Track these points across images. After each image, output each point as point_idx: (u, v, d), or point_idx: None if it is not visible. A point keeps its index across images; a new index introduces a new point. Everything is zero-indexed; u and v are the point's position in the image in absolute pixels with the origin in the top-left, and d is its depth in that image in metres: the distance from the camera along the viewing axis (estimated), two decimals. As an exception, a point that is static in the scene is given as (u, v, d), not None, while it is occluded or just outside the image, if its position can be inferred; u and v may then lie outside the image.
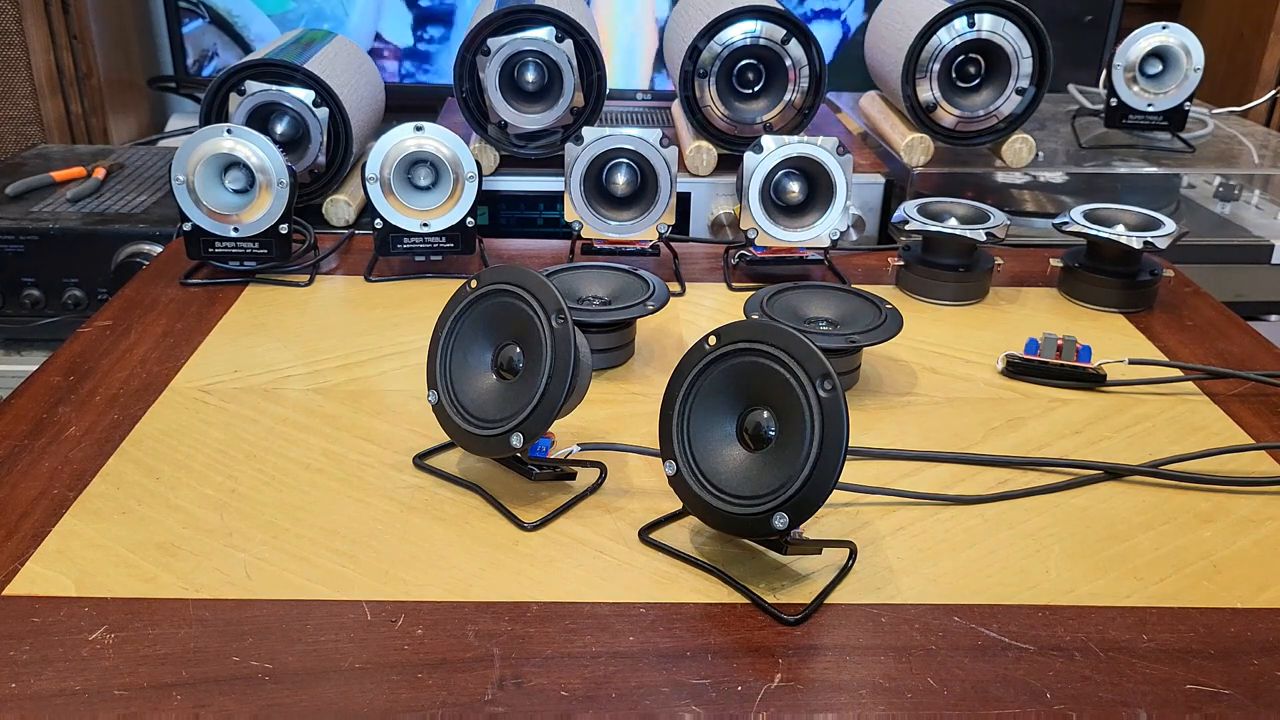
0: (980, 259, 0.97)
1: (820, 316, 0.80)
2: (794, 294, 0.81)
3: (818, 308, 0.80)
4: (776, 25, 1.16)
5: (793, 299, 0.81)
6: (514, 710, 0.48)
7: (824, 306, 0.80)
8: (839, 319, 0.79)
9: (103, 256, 1.15)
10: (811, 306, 0.80)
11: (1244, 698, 0.50)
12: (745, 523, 0.56)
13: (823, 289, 0.82)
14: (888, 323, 0.77)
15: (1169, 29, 1.36)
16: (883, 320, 0.77)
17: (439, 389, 0.65)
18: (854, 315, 0.79)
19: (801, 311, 0.80)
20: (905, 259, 0.98)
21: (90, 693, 0.48)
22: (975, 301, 0.97)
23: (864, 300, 0.81)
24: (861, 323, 0.78)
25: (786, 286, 0.82)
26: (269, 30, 1.67)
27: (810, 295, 0.81)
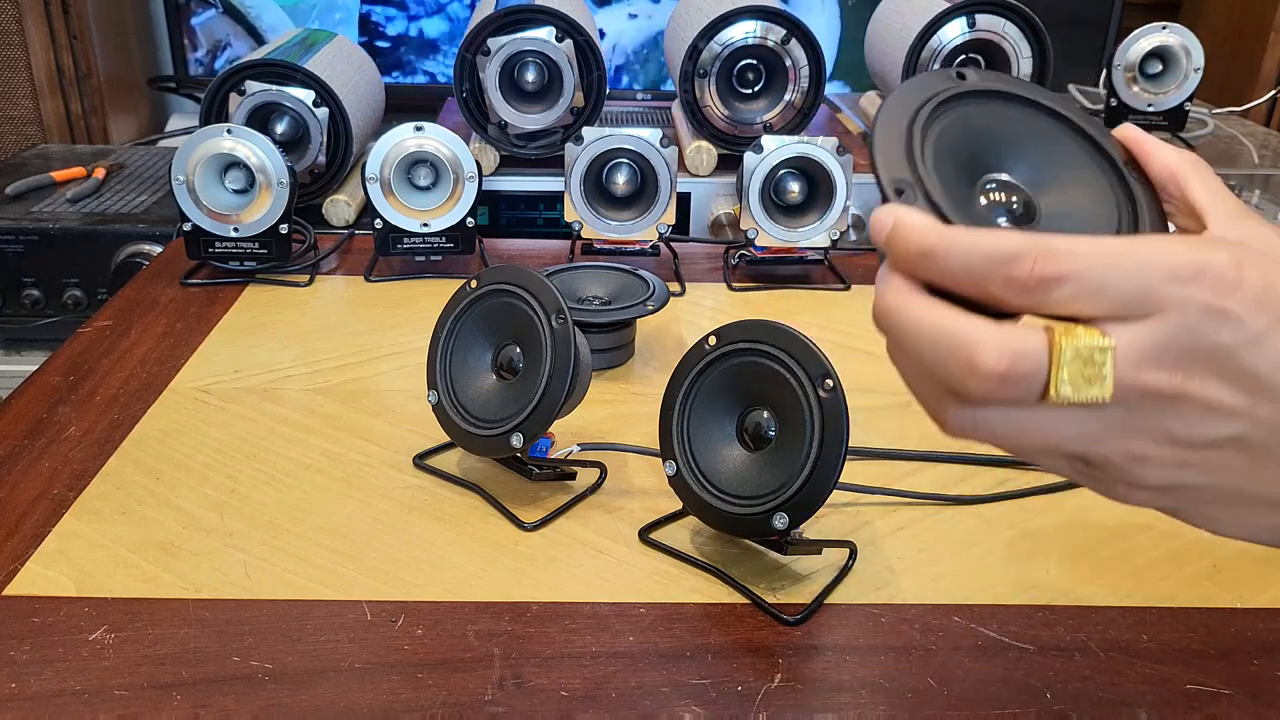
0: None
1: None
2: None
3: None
4: (776, 25, 1.16)
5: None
6: (514, 710, 0.48)
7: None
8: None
9: (103, 256, 1.15)
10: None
11: (1244, 698, 0.50)
12: (745, 523, 0.56)
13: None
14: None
15: (1169, 29, 1.36)
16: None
17: (439, 389, 0.65)
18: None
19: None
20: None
21: (90, 693, 0.48)
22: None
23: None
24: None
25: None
26: (281, 21, 1.67)
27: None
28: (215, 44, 1.66)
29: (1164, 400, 0.33)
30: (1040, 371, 0.32)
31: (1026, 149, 0.39)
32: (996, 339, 0.32)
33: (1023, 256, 0.32)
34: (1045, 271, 0.32)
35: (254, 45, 1.67)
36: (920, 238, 0.34)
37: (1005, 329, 0.32)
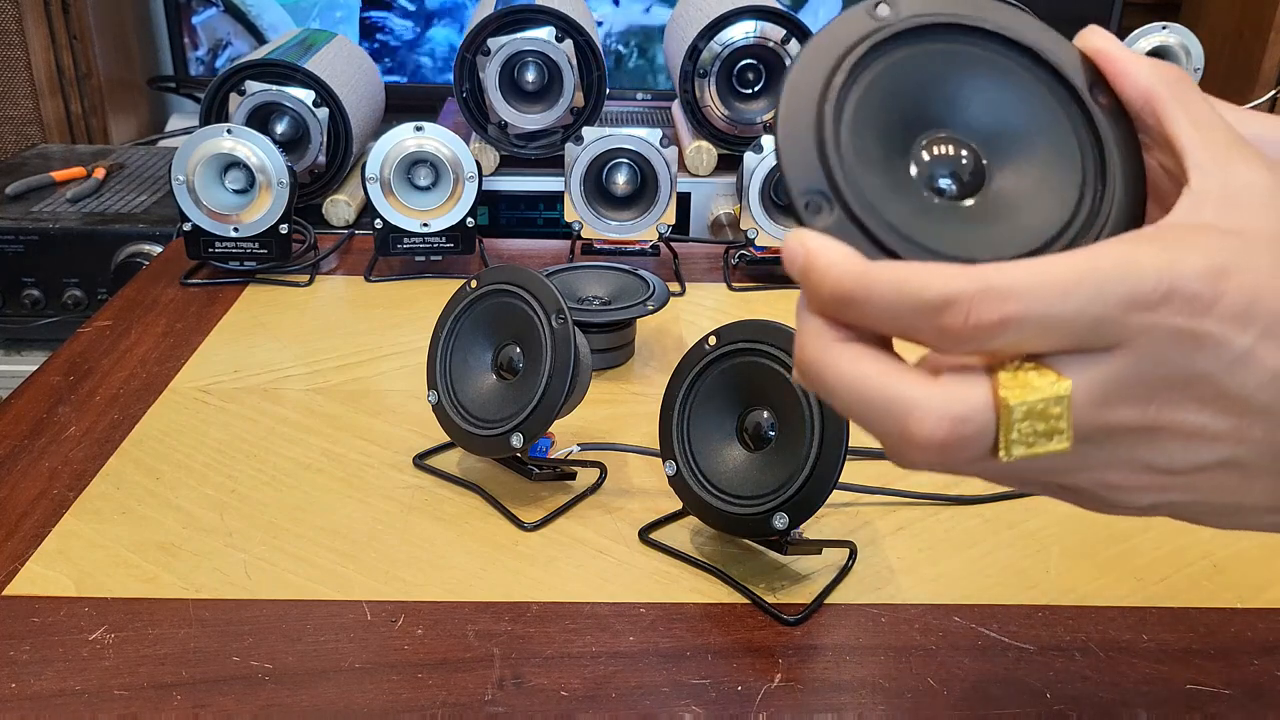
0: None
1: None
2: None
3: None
4: (776, 25, 1.16)
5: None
6: (514, 710, 0.48)
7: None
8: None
9: (103, 256, 1.15)
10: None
11: (1244, 698, 0.50)
12: (745, 523, 0.56)
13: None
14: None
15: (1169, 29, 1.36)
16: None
17: (439, 389, 0.65)
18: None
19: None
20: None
21: (90, 693, 0.48)
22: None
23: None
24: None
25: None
26: (282, 19, 1.67)
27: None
28: (216, 42, 1.66)
29: (1137, 434, 0.29)
30: (987, 434, 0.28)
31: (970, 95, 0.32)
32: (933, 403, 0.28)
33: (955, 303, 0.27)
34: (983, 319, 0.27)
35: (255, 44, 1.67)
36: (835, 283, 0.28)
37: (943, 387, 0.28)
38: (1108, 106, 0.32)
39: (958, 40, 0.32)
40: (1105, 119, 0.32)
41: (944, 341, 0.28)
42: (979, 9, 0.33)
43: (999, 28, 0.32)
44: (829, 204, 0.30)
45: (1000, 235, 0.30)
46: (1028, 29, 0.33)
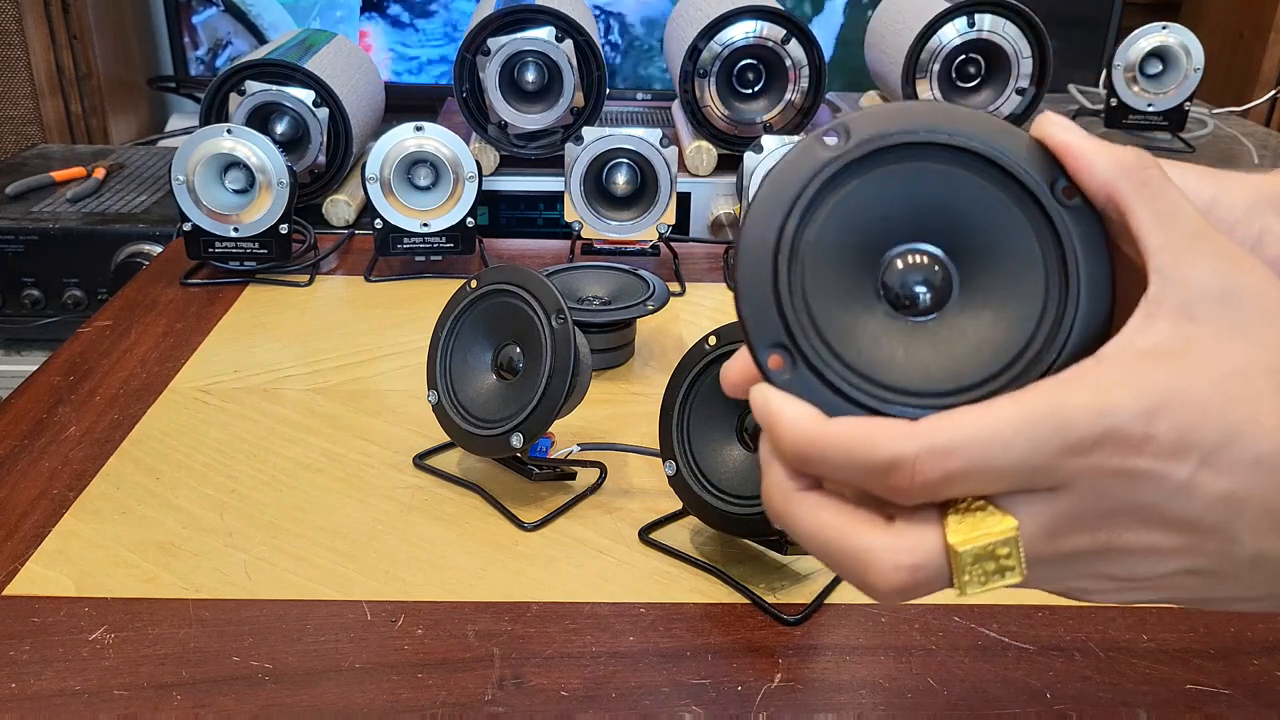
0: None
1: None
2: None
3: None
4: (776, 25, 1.16)
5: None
6: (514, 710, 0.48)
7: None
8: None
9: (103, 256, 1.15)
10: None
11: (1244, 698, 0.50)
12: (745, 523, 0.56)
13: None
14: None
15: (1169, 29, 1.36)
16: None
17: (439, 389, 0.65)
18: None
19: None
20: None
21: (90, 693, 0.48)
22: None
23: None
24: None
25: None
26: (282, 18, 1.67)
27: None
28: (216, 42, 1.66)
29: (1093, 554, 0.31)
30: (942, 576, 0.30)
31: (929, 215, 0.32)
32: (887, 554, 0.30)
33: (900, 465, 0.29)
34: (928, 477, 0.29)
35: (255, 43, 1.67)
36: (792, 444, 0.31)
37: (897, 536, 0.30)
38: (1073, 204, 0.31)
39: (912, 159, 0.32)
40: (1069, 220, 0.31)
41: (895, 497, 0.30)
42: (931, 120, 0.32)
43: (952, 139, 0.32)
44: (789, 357, 0.31)
45: (961, 358, 0.31)
46: (982, 134, 0.32)
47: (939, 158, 0.32)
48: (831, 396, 0.31)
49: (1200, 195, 0.34)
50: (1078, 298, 0.31)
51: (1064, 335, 0.31)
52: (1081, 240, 0.31)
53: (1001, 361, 0.31)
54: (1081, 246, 0.31)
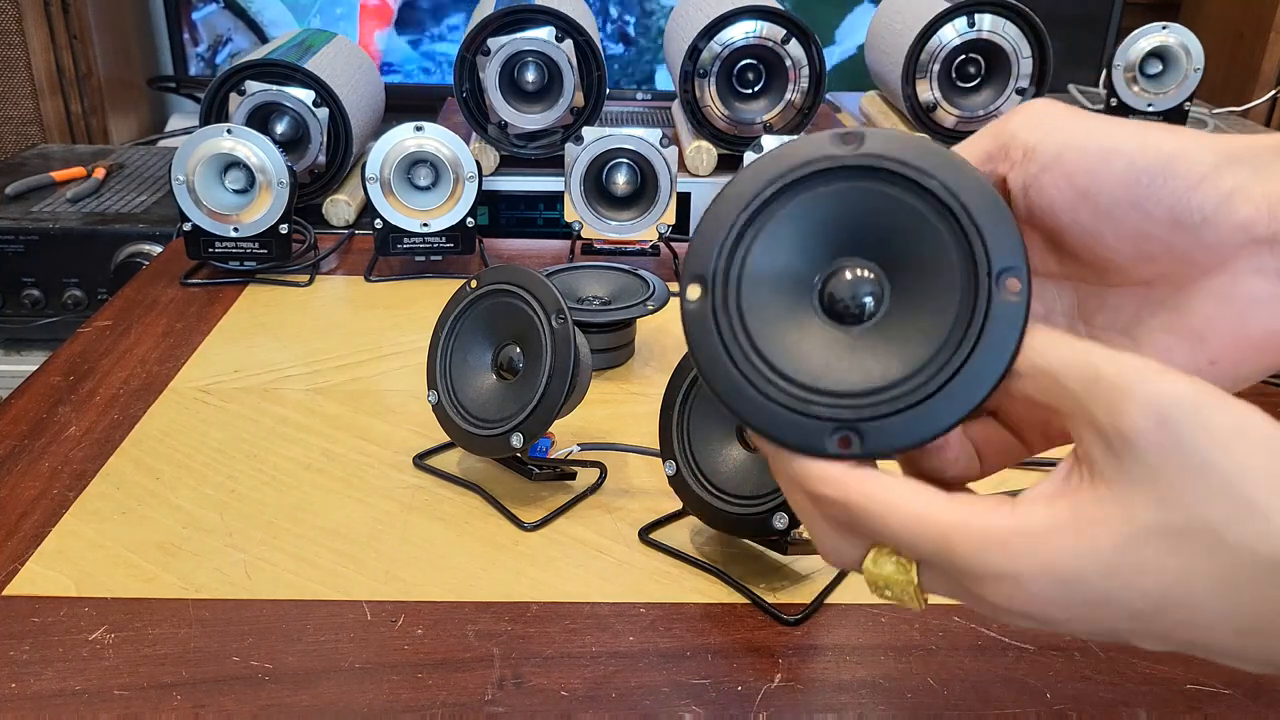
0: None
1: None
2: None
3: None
4: (776, 25, 1.16)
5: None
6: (514, 710, 0.48)
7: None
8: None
9: (103, 256, 1.15)
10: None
11: (1244, 698, 0.50)
12: (745, 523, 0.56)
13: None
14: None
15: (1169, 29, 1.36)
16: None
17: (439, 389, 0.65)
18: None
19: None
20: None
21: (90, 693, 0.48)
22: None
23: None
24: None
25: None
26: (282, 15, 1.67)
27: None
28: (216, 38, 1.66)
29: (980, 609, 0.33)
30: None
31: (880, 240, 0.34)
32: (827, 547, 0.35)
33: (828, 502, 0.33)
34: (859, 528, 0.33)
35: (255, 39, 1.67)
36: (772, 456, 0.35)
37: (840, 539, 0.34)
38: (1007, 300, 0.32)
39: (889, 184, 0.33)
40: (996, 305, 0.32)
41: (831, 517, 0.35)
42: (907, 150, 0.33)
43: (916, 174, 0.33)
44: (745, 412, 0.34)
45: (873, 366, 0.33)
46: (967, 192, 0.33)
47: (894, 182, 0.33)
48: (753, 393, 0.34)
49: (1161, 150, 0.33)
50: (971, 353, 0.32)
51: (951, 372, 0.32)
52: (999, 321, 0.32)
53: (904, 372, 0.33)
54: (996, 326, 0.32)
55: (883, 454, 0.33)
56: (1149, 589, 0.30)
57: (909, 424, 0.32)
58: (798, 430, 0.33)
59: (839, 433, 0.33)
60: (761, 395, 0.33)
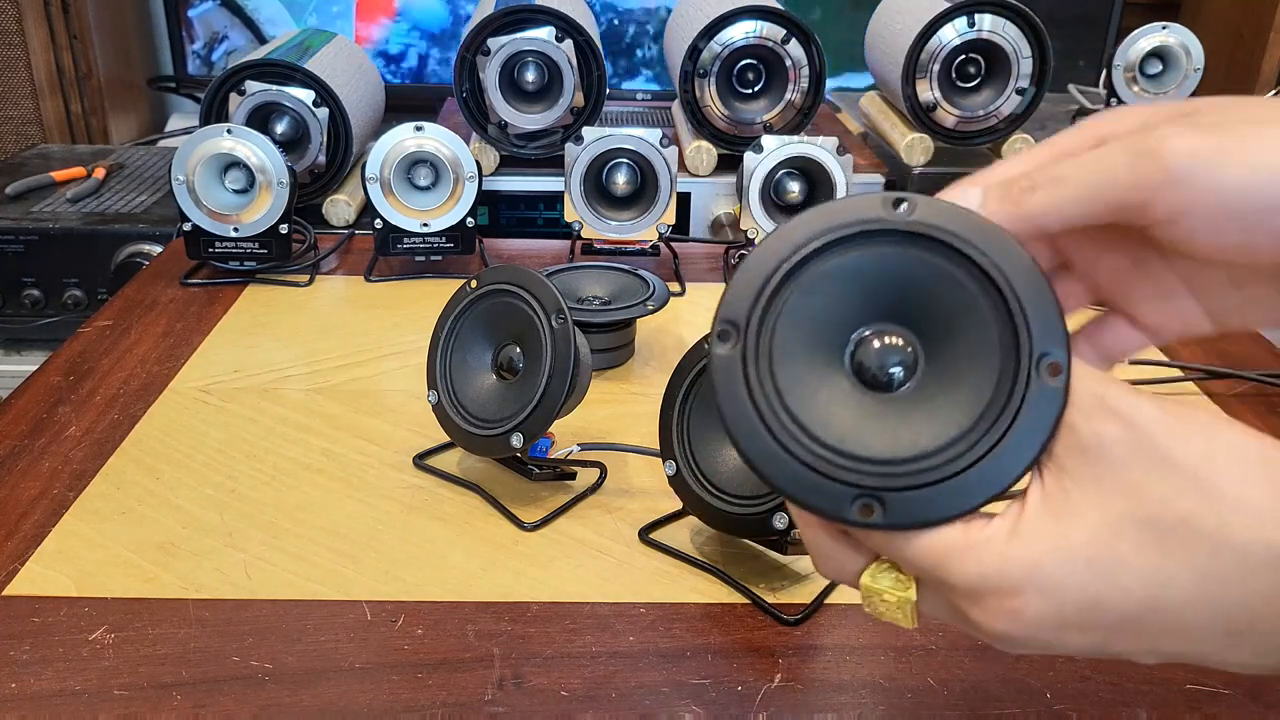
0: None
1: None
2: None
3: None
4: (776, 25, 1.16)
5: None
6: (514, 710, 0.48)
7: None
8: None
9: (103, 256, 1.15)
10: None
11: (1244, 698, 0.50)
12: (745, 523, 0.56)
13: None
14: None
15: (1169, 29, 1.36)
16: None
17: (439, 389, 0.65)
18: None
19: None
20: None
21: (90, 693, 0.48)
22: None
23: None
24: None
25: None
26: (279, 14, 1.67)
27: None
28: (213, 36, 1.67)
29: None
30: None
31: (924, 311, 0.34)
32: (823, 553, 0.35)
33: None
34: (862, 544, 0.34)
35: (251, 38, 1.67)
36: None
37: (841, 549, 0.35)
38: (1050, 384, 0.31)
39: (936, 254, 0.33)
40: (1036, 394, 0.31)
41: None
42: (956, 222, 0.33)
43: (965, 247, 0.32)
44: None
45: (897, 436, 0.33)
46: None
47: (941, 252, 0.33)
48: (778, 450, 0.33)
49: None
50: (1005, 434, 0.32)
51: (982, 452, 0.32)
52: (1036, 405, 0.31)
53: (934, 445, 0.32)
54: (1033, 410, 0.31)
55: (903, 526, 0.32)
56: (1131, 586, 0.30)
57: (933, 499, 0.32)
58: (820, 493, 0.33)
59: (861, 500, 0.32)
60: (786, 452, 0.33)
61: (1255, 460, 0.30)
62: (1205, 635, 0.31)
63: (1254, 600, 0.30)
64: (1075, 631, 0.31)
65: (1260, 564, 0.29)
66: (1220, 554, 0.29)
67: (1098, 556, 0.30)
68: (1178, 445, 0.30)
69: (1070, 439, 0.31)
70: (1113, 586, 0.30)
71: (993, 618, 0.32)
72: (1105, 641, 0.31)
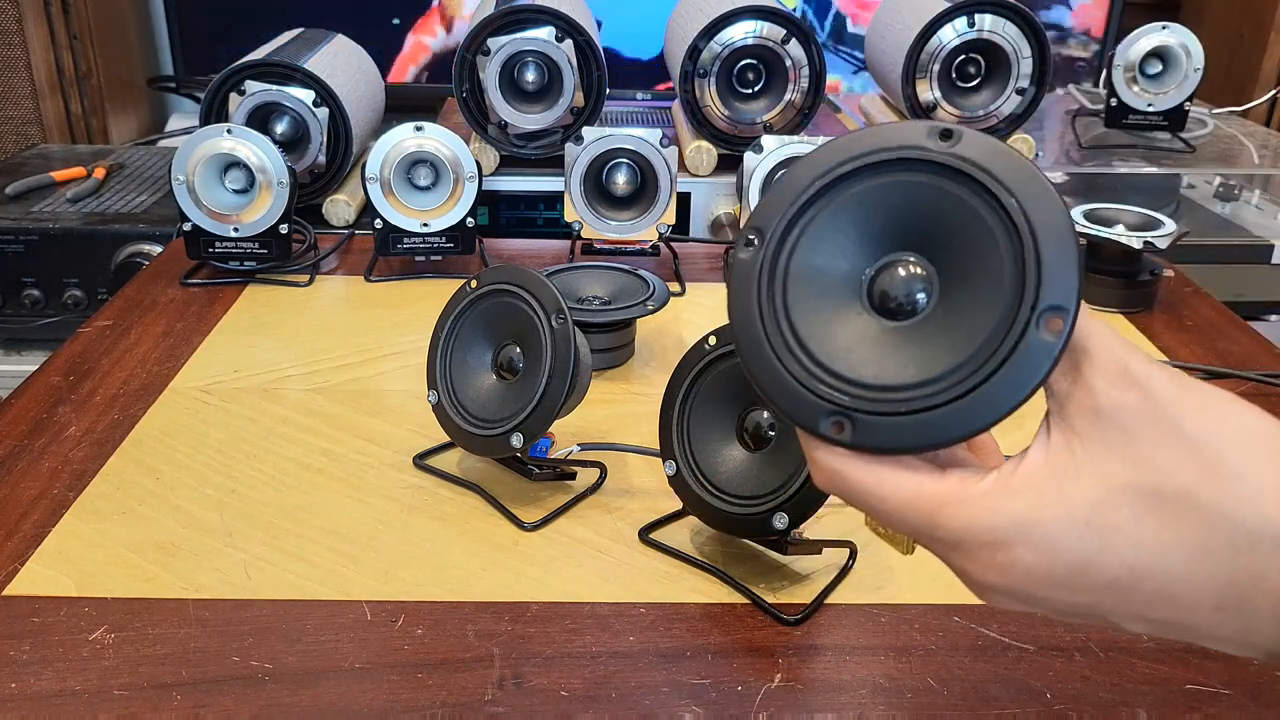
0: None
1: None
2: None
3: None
4: (776, 25, 1.16)
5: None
6: (514, 710, 0.48)
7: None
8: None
9: (103, 256, 1.15)
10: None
11: (1244, 698, 0.50)
12: (745, 523, 0.56)
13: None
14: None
15: (1169, 29, 1.36)
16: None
17: (439, 389, 0.65)
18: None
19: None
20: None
21: (90, 693, 0.48)
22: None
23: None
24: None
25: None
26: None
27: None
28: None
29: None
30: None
31: (944, 241, 0.34)
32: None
33: (817, 470, 0.35)
34: (855, 505, 0.35)
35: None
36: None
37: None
38: (1044, 337, 0.31)
39: (969, 190, 0.33)
40: (1028, 345, 0.31)
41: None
42: (1002, 158, 0.33)
43: (1015, 208, 0.32)
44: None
45: (885, 364, 0.33)
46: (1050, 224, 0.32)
47: (974, 189, 0.33)
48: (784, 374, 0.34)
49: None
50: (987, 379, 0.32)
51: (960, 392, 0.32)
52: (1028, 356, 0.31)
53: (917, 378, 0.33)
54: (1023, 361, 0.31)
55: (868, 449, 0.33)
56: (1125, 552, 0.30)
57: (901, 429, 0.32)
58: (798, 403, 0.33)
59: (834, 417, 0.33)
60: (776, 359, 0.34)
61: (1263, 442, 0.30)
62: (1194, 608, 0.31)
63: (1242, 577, 0.30)
64: (1064, 590, 0.31)
65: (1254, 541, 0.29)
66: (1215, 529, 0.30)
67: (1096, 519, 0.30)
68: (1189, 419, 0.30)
69: (1087, 400, 0.31)
70: (1106, 550, 0.30)
71: (982, 569, 0.32)
72: (1093, 603, 0.32)
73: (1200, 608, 0.31)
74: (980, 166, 0.33)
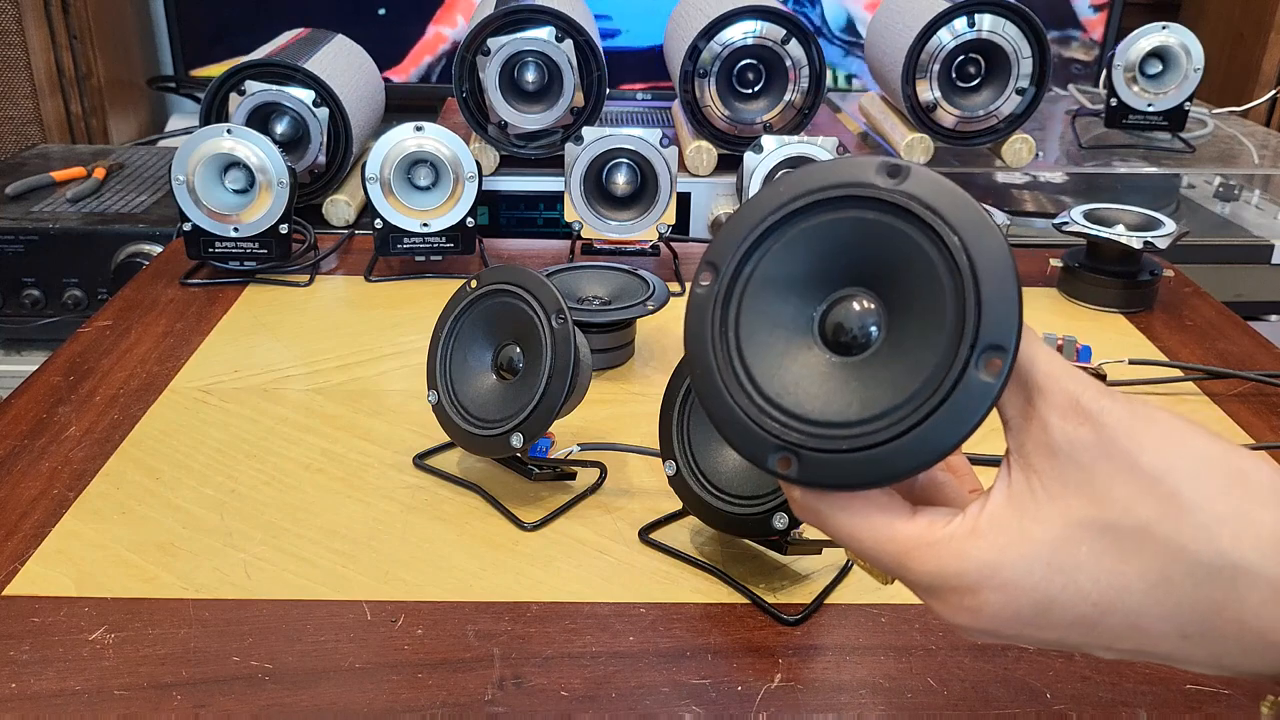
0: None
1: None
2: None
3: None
4: (776, 25, 1.16)
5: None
6: (514, 710, 0.48)
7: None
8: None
9: (103, 256, 1.15)
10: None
11: (1244, 698, 0.50)
12: (745, 523, 0.56)
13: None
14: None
15: (1169, 29, 1.36)
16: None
17: (439, 389, 0.65)
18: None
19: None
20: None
21: (90, 693, 0.48)
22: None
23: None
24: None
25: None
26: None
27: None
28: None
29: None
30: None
31: (886, 278, 0.34)
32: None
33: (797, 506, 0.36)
34: (817, 524, 0.35)
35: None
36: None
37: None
38: (983, 377, 0.31)
39: (915, 228, 0.33)
40: (967, 385, 0.31)
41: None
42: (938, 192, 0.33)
43: (959, 243, 0.32)
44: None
45: (830, 400, 0.34)
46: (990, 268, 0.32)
47: (920, 227, 0.33)
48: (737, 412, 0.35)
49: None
50: (925, 419, 0.32)
51: (898, 431, 0.32)
52: (965, 396, 0.31)
53: (859, 415, 0.33)
54: (961, 400, 0.31)
55: (814, 485, 0.33)
56: (1087, 589, 0.31)
57: (845, 466, 0.32)
58: (748, 437, 0.34)
59: (781, 452, 0.33)
60: (728, 393, 0.34)
61: (1219, 469, 0.30)
62: (1161, 637, 0.31)
63: (1204, 607, 0.30)
64: (1031, 628, 0.32)
65: (1212, 572, 0.30)
66: (1175, 561, 0.30)
67: (1056, 559, 0.31)
68: (1145, 451, 0.30)
69: (1042, 436, 0.32)
70: (1069, 589, 0.31)
71: (952, 612, 0.32)
72: (1061, 638, 0.32)
73: (1167, 637, 0.31)
74: (925, 204, 0.33)
